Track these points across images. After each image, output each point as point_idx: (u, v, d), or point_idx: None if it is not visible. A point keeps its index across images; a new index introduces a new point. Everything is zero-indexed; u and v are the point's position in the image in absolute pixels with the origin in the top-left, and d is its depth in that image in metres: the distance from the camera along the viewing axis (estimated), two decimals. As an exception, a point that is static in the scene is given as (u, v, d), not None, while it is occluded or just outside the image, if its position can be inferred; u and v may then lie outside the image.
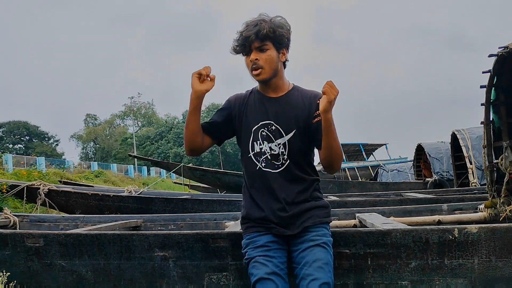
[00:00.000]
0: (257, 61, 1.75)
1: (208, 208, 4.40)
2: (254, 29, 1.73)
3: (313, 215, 1.78)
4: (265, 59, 1.76)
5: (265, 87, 1.86)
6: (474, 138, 7.97)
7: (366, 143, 21.63)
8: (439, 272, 1.89)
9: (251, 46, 1.75)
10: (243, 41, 1.75)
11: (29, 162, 21.83)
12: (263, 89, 1.87)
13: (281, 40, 1.77)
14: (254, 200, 1.82)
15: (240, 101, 1.90)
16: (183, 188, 13.09)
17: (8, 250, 2.16)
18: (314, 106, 1.81)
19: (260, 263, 1.66)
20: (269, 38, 1.74)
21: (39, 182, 5.19)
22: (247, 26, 1.76)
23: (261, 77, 1.78)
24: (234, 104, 1.90)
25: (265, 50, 1.76)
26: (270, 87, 1.85)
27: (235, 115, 1.88)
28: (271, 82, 1.82)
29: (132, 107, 59.13)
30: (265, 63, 1.76)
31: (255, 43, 1.74)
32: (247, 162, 1.86)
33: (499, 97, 2.91)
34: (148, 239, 2.05)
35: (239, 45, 1.77)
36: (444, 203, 3.54)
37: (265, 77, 1.78)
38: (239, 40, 1.76)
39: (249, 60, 1.77)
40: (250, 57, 1.76)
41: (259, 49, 1.75)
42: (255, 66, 1.76)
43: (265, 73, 1.77)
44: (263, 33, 1.73)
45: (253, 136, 1.84)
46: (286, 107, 1.83)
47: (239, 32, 1.77)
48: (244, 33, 1.75)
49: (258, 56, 1.75)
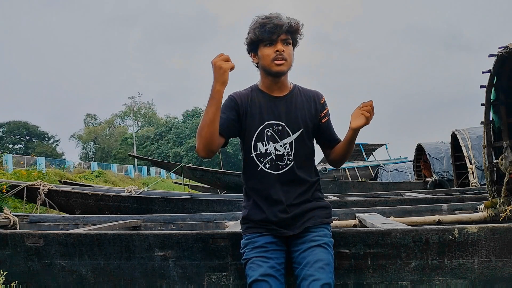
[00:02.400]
0: (283, 52, 1.72)
1: (208, 208, 4.40)
2: (285, 20, 1.72)
3: (314, 215, 1.78)
4: (289, 53, 1.75)
5: (272, 85, 1.82)
6: (474, 138, 7.97)
7: (366, 143, 21.62)
8: (439, 272, 1.89)
9: (278, 36, 1.71)
10: (272, 28, 1.69)
11: (29, 162, 21.83)
12: (268, 87, 1.83)
13: (298, 39, 1.80)
14: (255, 202, 1.81)
15: (244, 99, 1.83)
16: (183, 188, 13.07)
17: (8, 250, 2.16)
18: (319, 105, 1.86)
19: (256, 264, 1.66)
20: (294, 33, 1.75)
21: (39, 182, 5.19)
22: (272, 18, 1.71)
23: (283, 68, 1.74)
24: (241, 102, 1.83)
25: (289, 44, 1.75)
26: (277, 84, 1.81)
27: (242, 114, 1.82)
28: (281, 79, 1.80)
29: (132, 107, 59.13)
30: (289, 56, 1.74)
31: (284, 34, 1.72)
32: (249, 162, 1.83)
33: (499, 97, 2.91)
34: (148, 239, 2.05)
35: (267, 32, 1.70)
36: (444, 203, 3.54)
37: (285, 69, 1.76)
38: (266, 27, 1.70)
39: (274, 50, 1.72)
40: (277, 47, 1.72)
41: (284, 42, 1.74)
42: (280, 56, 1.72)
43: (286, 65, 1.75)
44: (293, 27, 1.73)
45: (256, 136, 1.81)
46: (293, 107, 1.83)
47: (263, 22, 1.71)
48: (274, 21, 1.70)
49: (283, 48, 1.73)
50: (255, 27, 1.73)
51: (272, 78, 1.80)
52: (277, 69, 1.74)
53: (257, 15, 1.76)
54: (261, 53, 1.75)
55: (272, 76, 1.79)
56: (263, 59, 1.75)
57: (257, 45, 1.76)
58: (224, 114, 1.77)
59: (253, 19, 1.76)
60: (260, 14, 1.76)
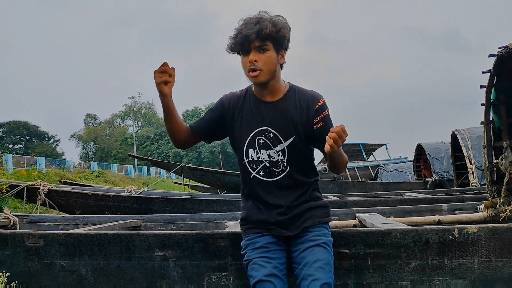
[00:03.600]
0: (256, 62, 1.64)
1: (208, 208, 4.40)
2: (255, 27, 1.61)
3: (313, 215, 1.77)
4: (265, 61, 1.65)
5: (262, 90, 1.75)
6: (474, 138, 7.96)
7: (366, 143, 21.60)
8: (439, 272, 1.89)
9: (250, 46, 1.63)
10: (242, 39, 1.62)
11: (29, 162, 21.83)
12: (259, 92, 1.77)
13: (282, 41, 1.67)
14: (253, 203, 1.81)
15: (235, 102, 1.80)
16: (183, 188, 13.06)
17: (8, 250, 2.16)
18: (313, 110, 1.73)
19: (259, 265, 1.65)
20: (271, 38, 1.64)
21: (39, 182, 5.19)
22: (247, 23, 1.63)
23: (259, 79, 1.67)
24: (228, 106, 1.80)
25: (265, 50, 1.65)
26: (266, 90, 1.74)
27: (229, 117, 1.79)
28: (268, 84, 1.72)
29: (132, 107, 59.17)
30: (264, 64, 1.65)
31: (255, 42, 1.62)
32: (242, 168, 1.82)
33: (499, 97, 2.91)
34: (148, 239, 2.05)
35: (237, 44, 1.64)
36: (444, 203, 3.54)
37: (262, 80, 1.68)
38: (237, 38, 1.64)
39: (248, 61, 1.65)
40: (249, 57, 1.64)
41: (259, 49, 1.64)
42: (253, 67, 1.64)
43: (263, 75, 1.66)
44: (265, 32, 1.61)
45: (248, 143, 1.77)
46: (284, 113, 1.74)
47: (238, 29, 1.64)
48: (244, 31, 1.62)
49: (257, 57, 1.64)
50: (231, 35, 1.66)
51: (258, 86, 1.74)
52: (253, 80, 1.68)
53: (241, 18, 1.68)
54: (241, 62, 1.70)
55: (255, 85, 1.74)
56: (242, 68, 1.70)
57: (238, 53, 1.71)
58: (207, 116, 1.86)
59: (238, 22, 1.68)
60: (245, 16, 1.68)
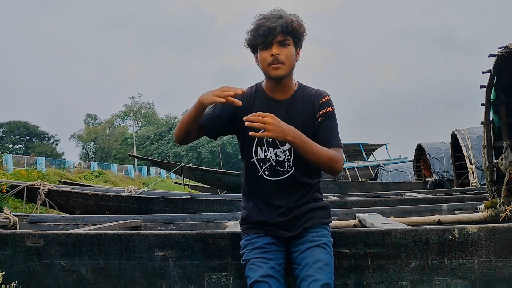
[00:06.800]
0: (278, 55, 1.64)
1: (208, 208, 4.40)
2: (279, 21, 1.61)
3: (313, 216, 1.77)
4: (286, 55, 1.65)
5: (274, 87, 1.75)
6: (474, 138, 7.97)
7: (366, 143, 21.63)
8: (439, 272, 1.89)
9: (273, 39, 1.63)
10: (266, 32, 1.61)
11: (29, 162, 21.84)
12: (270, 89, 1.77)
13: (301, 38, 1.69)
14: (254, 203, 1.80)
15: (247, 99, 1.77)
16: (183, 188, 13.07)
17: (8, 250, 2.15)
18: (317, 107, 1.74)
19: (256, 265, 1.66)
20: (293, 33, 1.65)
21: (39, 182, 5.19)
22: (268, 18, 1.62)
23: (280, 72, 1.66)
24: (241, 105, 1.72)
25: (287, 45, 1.65)
26: (279, 87, 1.74)
27: (241, 114, 1.72)
28: (283, 81, 1.72)
29: (132, 107, 59.19)
30: (286, 59, 1.65)
31: (279, 36, 1.62)
32: (250, 166, 1.80)
33: (499, 97, 2.91)
34: (148, 239, 2.05)
35: (260, 36, 1.62)
36: (444, 203, 3.54)
37: (283, 73, 1.67)
38: (259, 31, 1.62)
39: (269, 54, 1.64)
40: (272, 50, 1.63)
41: (281, 44, 1.64)
42: (276, 60, 1.64)
43: (284, 69, 1.66)
44: (291, 26, 1.62)
45: (257, 141, 1.77)
46: (293, 111, 1.75)
47: (258, 23, 1.63)
48: (268, 23, 1.60)
49: (279, 51, 1.64)
50: (251, 29, 1.66)
51: (273, 81, 1.73)
52: (274, 73, 1.67)
53: (258, 13, 1.68)
54: (259, 56, 1.69)
55: (272, 80, 1.73)
56: (261, 63, 1.69)
57: (256, 48, 1.70)
58: (217, 110, 1.79)
59: (254, 17, 1.68)
60: (263, 11, 1.68)
